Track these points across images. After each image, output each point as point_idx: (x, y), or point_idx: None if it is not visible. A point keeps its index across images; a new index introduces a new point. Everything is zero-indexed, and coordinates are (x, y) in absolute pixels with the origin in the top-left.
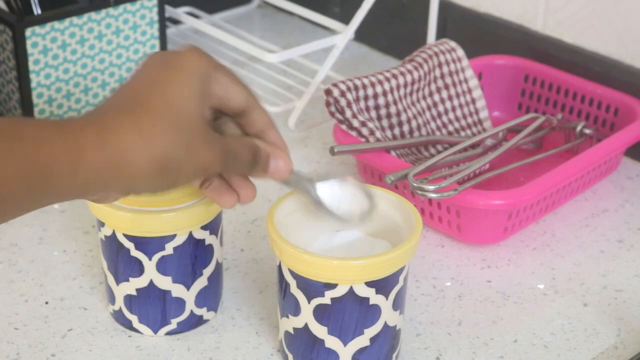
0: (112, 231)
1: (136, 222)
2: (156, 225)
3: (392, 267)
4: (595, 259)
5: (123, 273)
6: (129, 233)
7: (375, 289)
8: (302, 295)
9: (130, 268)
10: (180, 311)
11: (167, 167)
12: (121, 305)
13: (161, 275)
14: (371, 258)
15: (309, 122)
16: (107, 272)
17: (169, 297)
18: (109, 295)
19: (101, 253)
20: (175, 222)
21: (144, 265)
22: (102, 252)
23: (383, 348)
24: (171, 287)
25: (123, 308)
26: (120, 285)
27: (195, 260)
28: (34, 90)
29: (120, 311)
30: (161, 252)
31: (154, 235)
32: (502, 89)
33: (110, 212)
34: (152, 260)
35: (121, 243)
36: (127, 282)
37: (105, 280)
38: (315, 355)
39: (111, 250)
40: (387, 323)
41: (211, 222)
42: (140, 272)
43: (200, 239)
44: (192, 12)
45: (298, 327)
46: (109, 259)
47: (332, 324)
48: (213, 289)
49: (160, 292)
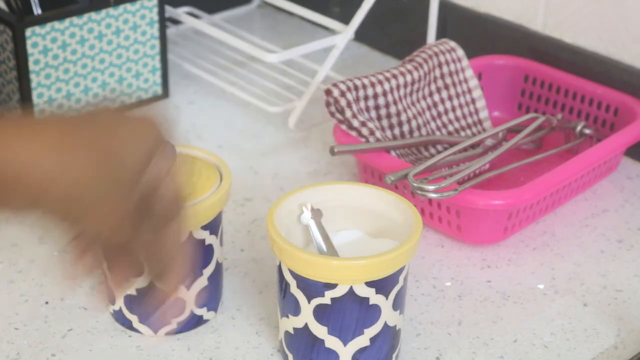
0: None
1: None
2: None
3: (393, 267)
4: (595, 259)
5: None
6: None
7: (375, 289)
8: (302, 295)
9: None
10: (181, 311)
11: (79, 197)
12: (121, 306)
13: None
14: (371, 258)
15: (309, 122)
16: (108, 272)
17: None
18: (109, 295)
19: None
20: None
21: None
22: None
23: (383, 348)
24: None
25: (123, 308)
26: None
27: (195, 260)
28: (34, 90)
29: (121, 311)
30: None
31: None
32: (502, 89)
33: None
34: None
35: None
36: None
37: (105, 280)
38: (316, 355)
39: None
40: (387, 323)
41: (211, 222)
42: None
43: (200, 239)
44: (192, 12)
45: (298, 327)
46: None
47: (332, 323)
48: (213, 289)
49: (160, 292)
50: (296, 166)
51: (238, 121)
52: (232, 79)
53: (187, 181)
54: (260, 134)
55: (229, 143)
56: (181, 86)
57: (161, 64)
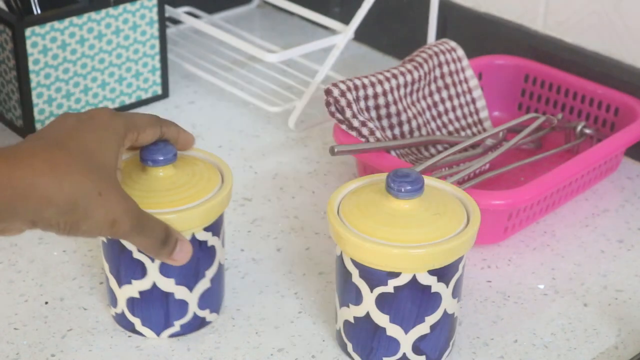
0: None
1: None
2: None
3: (454, 255)
4: (596, 259)
5: (125, 275)
6: None
7: (437, 277)
8: (365, 284)
9: (132, 270)
10: (183, 313)
11: (75, 206)
12: (124, 308)
13: (164, 277)
14: (435, 246)
15: (309, 122)
16: (109, 274)
17: (172, 299)
18: (110, 298)
19: (102, 255)
20: (177, 223)
21: (146, 268)
22: (103, 255)
23: (442, 335)
24: (174, 289)
25: (125, 311)
26: (122, 288)
27: (198, 262)
28: (34, 90)
29: (123, 314)
30: None
31: None
32: (502, 89)
33: None
34: (155, 262)
35: (123, 245)
36: (130, 284)
37: (106, 282)
38: (376, 343)
39: (113, 252)
40: (446, 311)
41: (213, 223)
42: (143, 275)
43: (203, 241)
44: (192, 12)
45: (359, 316)
46: (110, 261)
47: (394, 312)
48: (215, 290)
49: (163, 294)
50: (296, 166)
51: (238, 121)
52: (232, 79)
53: None
54: (260, 134)
55: (229, 143)
56: (181, 86)
57: (161, 63)
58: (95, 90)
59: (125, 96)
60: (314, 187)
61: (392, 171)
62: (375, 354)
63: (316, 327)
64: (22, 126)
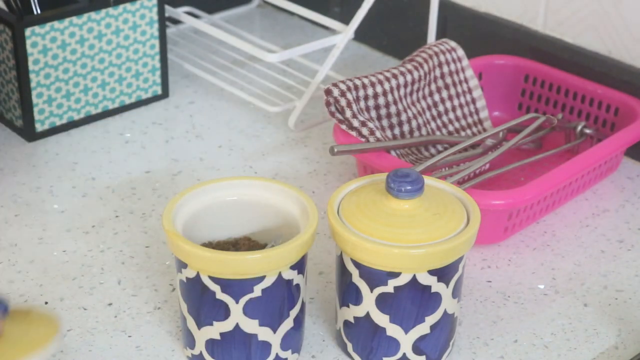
0: (196, 273)
1: (223, 264)
2: (245, 267)
3: (454, 255)
4: (596, 259)
5: (206, 317)
6: (215, 275)
7: (437, 277)
8: (365, 284)
9: (214, 312)
10: (266, 355)
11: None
12: (202, 350)
13: (248, 318)
14: (434, 246)
15: (309, 122)
16: (187, 314)
17: (254, 341)
18: (187, 339)
19: (180, 295)
20: (264, 263)
21: (230, 309)
22: (181, 294)
23: (442, 335)
24: (257, 331)
25: (204, 352)
26: (202, 329)
27: (283, 302)
28: (34, 90)
29: (201, 355)
30: (249, 294)
31: (241, 277)
32: (502, 89)
33: (194, 253)
34: (239, 304)
35: (206, 285)
36: (211, 325)
37: (183, 323)
38: (376, 343)
39: (194, 292)
40: (446, 311)
41: (299, 261)
42: (225, 316)
43: (289, 279)
44: (192, 12)
45: (359, 316)
46: (190, 301)
47: (394, 312)
48: (298, 329)
49: (245, 336)
50: (296, 166)
51: (238, 121)
52: (232, 79)
53: None
54: (260, 134)
55: (229, 143)
56: (181, 86)
57: (161, 63)
58: (95, 90)
59: (125, 96)
60: (314, 187)
61: (392, 171)
62: (375, 354)
63: (316, 327)
64: (22, 126)
